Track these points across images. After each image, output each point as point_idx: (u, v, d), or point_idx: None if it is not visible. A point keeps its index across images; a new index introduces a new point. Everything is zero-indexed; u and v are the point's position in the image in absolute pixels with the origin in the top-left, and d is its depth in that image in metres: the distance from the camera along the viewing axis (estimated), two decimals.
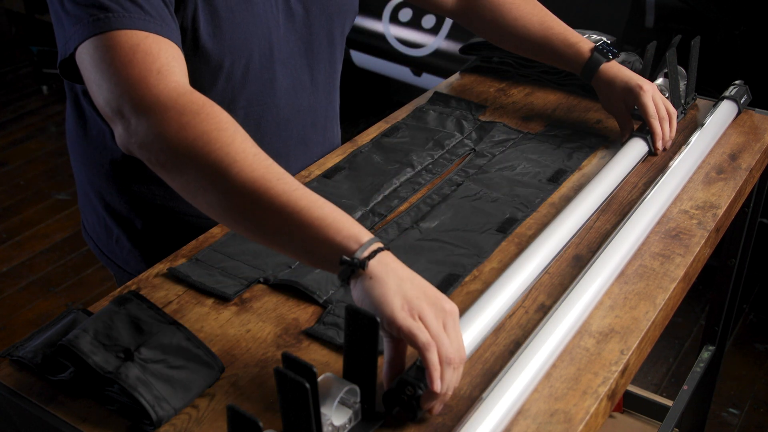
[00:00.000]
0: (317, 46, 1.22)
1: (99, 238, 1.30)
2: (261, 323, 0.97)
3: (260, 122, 1.18)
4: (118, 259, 1.28)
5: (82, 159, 1.25)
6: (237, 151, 0.86)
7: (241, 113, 1.15)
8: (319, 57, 1.23)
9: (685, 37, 1.43)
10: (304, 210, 0.82)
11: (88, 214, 1.30)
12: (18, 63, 4.34)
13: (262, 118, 1.18)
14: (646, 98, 1.27)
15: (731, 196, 1.21)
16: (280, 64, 1.16)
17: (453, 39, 2.86)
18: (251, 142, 0.88)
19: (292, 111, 1.22)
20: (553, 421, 0.83)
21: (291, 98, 1.21)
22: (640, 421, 1.88)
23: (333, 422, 0.78)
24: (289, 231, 0.82)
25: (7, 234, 3.02)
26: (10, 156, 3.51)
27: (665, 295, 1.01)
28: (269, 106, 1.18)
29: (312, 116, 1.26)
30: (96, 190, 1.25)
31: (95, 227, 1.30)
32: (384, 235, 1.11)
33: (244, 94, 1.14)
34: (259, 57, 1.13)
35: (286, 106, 1.20)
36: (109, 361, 0.83)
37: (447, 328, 0.81)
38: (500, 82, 1.57)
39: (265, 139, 1.19)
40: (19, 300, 2.69)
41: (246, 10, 1.09)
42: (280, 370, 0.68)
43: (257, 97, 1.16)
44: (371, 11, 3.04)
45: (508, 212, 1.16)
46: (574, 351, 0.92)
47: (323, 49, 1.23)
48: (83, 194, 1.29)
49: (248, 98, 1.15)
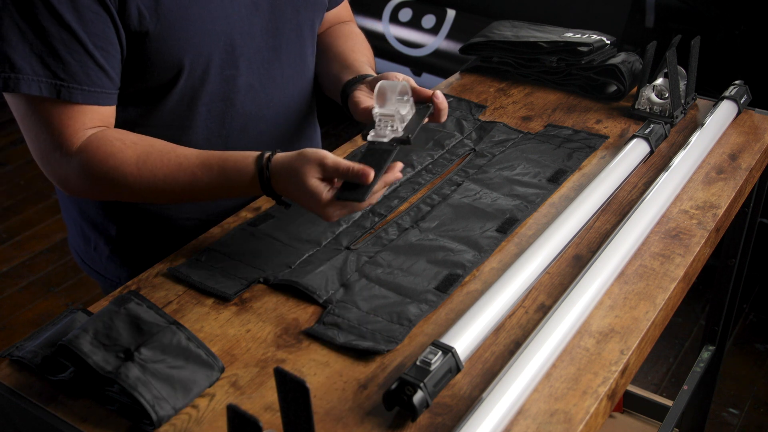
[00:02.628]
0: (285, 40, 1.20)
1: (79, 247, 1.31)
2: (261, 323, 0.97)
3: (224, 118, 1.18)
4: (98, 267, 1.29)
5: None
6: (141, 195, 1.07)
7: (203, 110, 1.15)
8: (288, 51, 1.21)
9: (685, 37, 1.43)
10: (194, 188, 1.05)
11: (69, 225, 1.31)
12: None
13: (225, 115, 1.17)
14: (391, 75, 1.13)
15: (731, 196, 1.21)
16: (244, 60, 1.15)
17: (453, 39, 2.86)
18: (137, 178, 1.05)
19: (259, 107, 1.20)
20: (553, 421, 0.83)
21: (257, 94, 1.19)
22: (640, 421, 1.88)
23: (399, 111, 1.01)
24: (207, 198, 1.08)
25: (7, 234, 3.02)
26: (10, 156, 3.51)
27: (665, 295, 1.01)
28: (232, 102, 1.17)
29: (284, 111, 1.25)
30: (72, 199, 1.26)
31: (75, 237, 1.31)
32: (384, 234, 1.11)
33: (205, 91, 1.14)
34: (220, 54, 1.12)
35: (250, 102, 1.19)
36: (109, 361, 0.83)
37: None
38: (500, 82, 1.57)
39: (231, 136, 1.19)
40: (19, 300, 2.69)
41: (201, 6, 1.07)
42: (280, 370, 0.68)
43: (219, 94, 1.15)
44: (371, 11, 3.04)
45: (508, 212, 1.16)
46: (574, 351, 0.92)
47: (292, 44, 1.22)
48: (63, 205, 1.31)
49: (210, 95, 1.15)
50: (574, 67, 1.49)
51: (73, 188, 1.08)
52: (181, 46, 1.07)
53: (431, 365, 0.83)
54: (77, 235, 1.29)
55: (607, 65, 1.47)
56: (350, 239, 1.11)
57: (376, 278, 1.03)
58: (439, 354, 0.85)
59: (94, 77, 1.03)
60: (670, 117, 1.38)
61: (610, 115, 1.44)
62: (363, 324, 0.95)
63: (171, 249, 1.11)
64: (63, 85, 1.01)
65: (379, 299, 0.99)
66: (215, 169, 1.04)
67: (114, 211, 1.23)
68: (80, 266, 1.33)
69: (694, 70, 1.42)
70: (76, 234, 1.29)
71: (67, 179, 1.07)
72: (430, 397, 0.82)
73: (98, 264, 1.28)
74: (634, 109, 1.43)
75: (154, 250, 1.16)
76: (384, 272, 1.04)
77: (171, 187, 1.05)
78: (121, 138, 1.06)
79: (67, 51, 1.00)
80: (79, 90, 1.02)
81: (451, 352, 0.86)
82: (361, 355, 0.92)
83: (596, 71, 1.48)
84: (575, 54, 1.48)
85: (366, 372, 0.90)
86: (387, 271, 1.04)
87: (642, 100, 1.42)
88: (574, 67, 1.49)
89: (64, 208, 1.31)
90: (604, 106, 1.48)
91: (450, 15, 2.91)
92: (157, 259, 1.09)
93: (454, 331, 0.90)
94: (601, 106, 1.48)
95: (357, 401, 0.86)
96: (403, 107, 1.03)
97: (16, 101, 1.04)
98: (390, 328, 0.95)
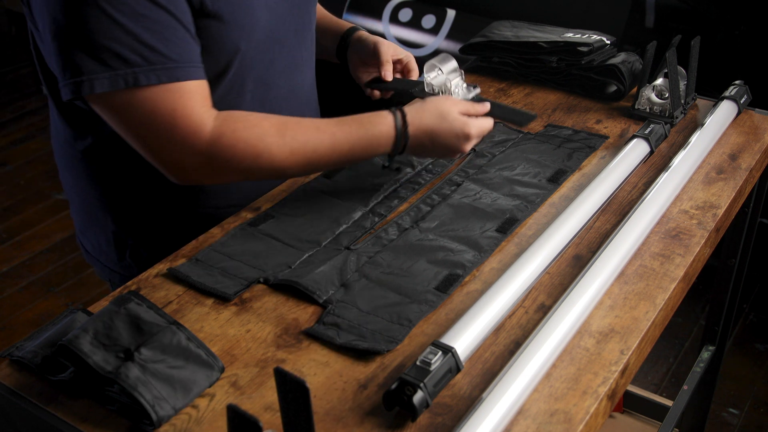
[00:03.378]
0: (304, 24, 1.24)
1: (88, 241, 1.30)
2: (261, 323, 0.97)
3: (264, 102, 1.20)
4: (96, 253, 1.29)
5: (63, 158, 1.25)
6: (279, 164, 1.07)
7: (248, 96, 1.17)
8: (306, 36, 1.25)
9: (685, 37, 1.43)
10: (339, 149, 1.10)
11: (79, 219, 1.30)
12: (18, 63, 4.34)
13: (265, 99, 1.20)
14: (384, 48, 1.30)
15: (731, 196, 1.21)
16: (278, 44, 1.18)
17: (453, 39, 2.86)
18: (279, 144, 1.06)
19: (289, 90, 1.24)
20: (553, 421, 0.83)
21: (287, 77, 1.23)
22: (640, 421, 1.88)
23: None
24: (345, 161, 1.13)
25: (7, 234, 3.02)
26: (10, 156, 3.51)
27: (665, 295, 1.01)
28: (271, 86, 1.20)
29: (305, 94, 1.29)
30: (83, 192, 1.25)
31: (86, 231, 1.30)
32: (384, 234, 1.11)
33: (252, 75, 1.16)
34: (264, 38, 1.14)
35: (284, 86, 1.22)
36: (109, 361, 0.83)
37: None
38: (500, 82, 1.57)
39: None
40: (19, 300, 2.69)
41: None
42: (280, 370, 0.68)
43: (262, 78, 1.18)
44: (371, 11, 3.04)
45: (508, 212, 1.16)
46: (574, 351, 0.92)
47: (308, 28, 1.26)
48: (72, 199, 1.29)
49: (255, 79, 1.17)
50: (574, 67, 1.49)
51: (200, 172, 1.05)
52: (239, 31, 1.09)
53: (431, 365, 0.83)
54: (87, 229, 1.28)
55: (607, 65, 1.47)
56: (350, 239, 1.11)
57: (376, 278, 1.03)
58: (439, 354, 0.85)
59: (196, 54, 1.04)
60: (670, 117, 1.38)
61: (610, 115, 1.45)
62: (363, 324, 0.95)
63: (173, 242, 1.11)
64: (178, 66, 1.00)
65: (379, 299, 0.99)
66: (353, 125, 1.10)
67: (113, 195, 1.22)
68: (89, 262, 1.33)
69: (694, 70, 1.42)
70: (87, 227, 1.28)
71: (193, 164, 1.04)
72: (430, 397, 0.82)
73: (96, 250, 1.28)
74: (634, 109, 1.43)
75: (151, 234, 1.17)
76: (384, 272, 1.04)
77: (314, 149, 1.08)
78: (249, 114, 1.07)
79: (171, 32, 1.00)
80: (191, 67, 1.02)
81: (451, 352, 0.86)
82: (361, 355, 0.92)
83: (596, 71, 1.48)
84: (575, 54, 1.48)
85: (366, 372, 0.90)
86: (387, 271, 1.04)
87: (642, 100, 1.42)
88: (574, 67, 1.49)
89: (73, 202, 1.29)
90: (604, 106, 1.48)
91: (450, 15, 2.91)
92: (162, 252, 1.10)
93: (454, 331, 0.90)
94: (601, 106, 1.48)
95: (357, 401, 0.86)
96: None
97: (117, 99, 1.00)
98: (390, 328, 0.95)
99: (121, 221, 1.23)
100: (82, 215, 1.28)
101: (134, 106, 1.00)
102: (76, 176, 1.23)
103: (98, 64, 0.97)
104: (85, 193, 1.24)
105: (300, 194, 1.21)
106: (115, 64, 0.97)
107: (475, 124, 1.15)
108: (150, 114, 1.00)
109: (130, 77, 0.98)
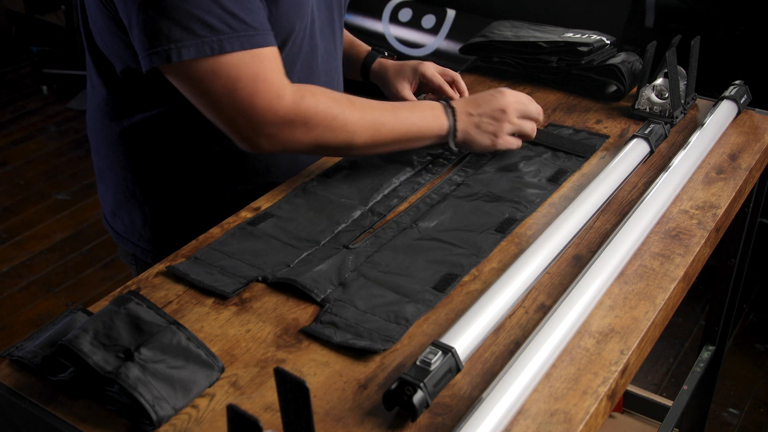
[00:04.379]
0: (336, 12, 1.28)
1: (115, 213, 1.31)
2: (261, 323, 0.97)
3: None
4: (129, 233, 1.30)
5: (101, 137, 1.27)
6: (352, 131, 1.12)
7: (295, 78, 1.19)
8: (338, 24, 1.29)
9: (685, 37, 1.43)
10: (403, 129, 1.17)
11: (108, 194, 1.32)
12: (18, 63, 4.34)
13: (308, 83, 1.21)
14: (431, 69, 1.39)
15: (731, 196, 1.21)
16: (319, 31, 1.22)
17: (453, 39, 2.86)
18: (351, 111, 1.12)
19: (327, 76, 1.28)
20: (553, 421, 0.83)
21: (326, 64, 1.27)
22: (640, 421, 1.88)
23: None
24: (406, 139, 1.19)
25: (7, 234, 3.02)
26: (10, 156, 3.51)
27: (665, 295, 1.01)
28: (314, 71, 1.23)
29: (337, 80, 1.34)
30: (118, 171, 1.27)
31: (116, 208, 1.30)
32: (383, 234, 1.11)
33: (299, 59, 1.19)
34: (309, 23, 1.18)
35: (324, 72, 1.26)
36: (109, 361, 0.83)
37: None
38: (500, 82, 1.57)
39: None
40: (19, 300, 2.69)
41: None
42: (280, 370, 0.68)
43: (307, 62, 1.21)
44: (371, 11, 3.04)
45: (507, 212, 1.16)
46: (574, 351, 0.92)
47: (339, 17, 1.30)
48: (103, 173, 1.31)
49: (301, 64, 1.20)
50: (574, 67, 1.49)
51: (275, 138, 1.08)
52: (294, 11, 1.12)
53: (431, 365, 0.83)
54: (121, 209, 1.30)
55: (607, 65, 1.47)
56: (349, 238, 1.11)
57: (374, 277, 1.03)
58: (439, 354, 0.85)
59: (267, 21, 1.07)
60: (670, 117, 1.38)
61: (610, 115, 1.45)
62: (360, 323, 0.95)
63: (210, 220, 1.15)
64: (258, 33, 1.04)
65: (376, 298, 0.99)
66: (408, 106, 1.20)
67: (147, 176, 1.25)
68: (118, 242, 1.34)
69: (694, 70, 1.42)
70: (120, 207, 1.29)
71: (271, 129, 1.07)
72: (430, 397, 0.82)
73: (138, 236, 1.30)
74: (634, 109, 1.43)
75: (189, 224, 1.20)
76: (382, 271, 1.04)
77: (381, 120, 1.14)
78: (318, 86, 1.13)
79: (250, 1, 1.03)
80: (269, 35, 1.06)
81: (451, 352, 0.86)
82: (361, 355, 0.92)
83: (596, 71, 1.48)
84: (575, 54, 1.48)
85: (366, 372, 0.90)
86: (385, 270, 1.04)
87: (642, 100, 1.42)
88: (574, 67, 1.49)
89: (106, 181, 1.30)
90: (604, 106, 1.48)
91: (450, 15, 2.91)
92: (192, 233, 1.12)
93: (454, 331, 0.90)
94: (601, 106, 1.48)
95: (357, 401, 0.86)
96: None
97: (202, 66, 1.02)
98: (387, 327, 0.95)
99: (160, 200, 1.25)
100: (117, 194, 1.29)
101: (218, 73, 1.03)
102: (115, 154, 1.25)
103: (185, 32, 1.00)
104: (124, 171, 1.26)
105: (299, 193, 1.21)
106: (202, 32, 1.00)
107: (510, 96, 1.23)
108: (234, 80, 1.03)
109: (216, 44, 1.01)
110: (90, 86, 1.25)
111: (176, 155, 1.22)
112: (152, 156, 1.23)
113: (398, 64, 1.42)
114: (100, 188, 1.33)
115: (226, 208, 1.19)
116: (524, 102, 1.25)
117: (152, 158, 1.24)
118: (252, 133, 1.08)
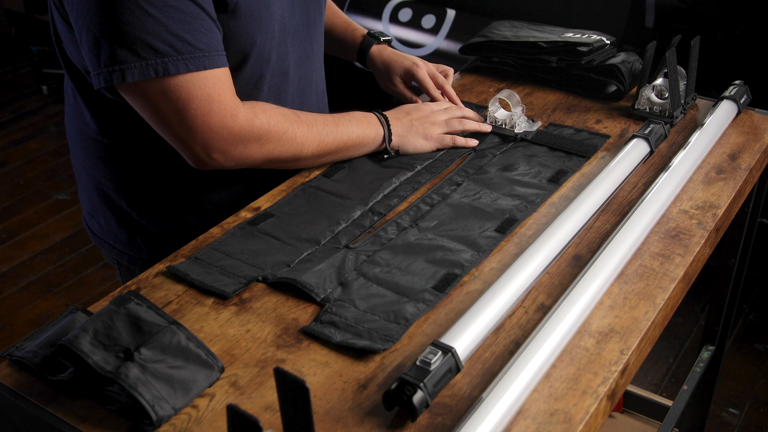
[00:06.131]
0: (313, 18, 1.27)
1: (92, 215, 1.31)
2: (261, 323, 0.97)
3: (280, 94, 1.24)
4: (105, 234, 1.30)
5: (78, 139, 1.27)
6: (300, 144, 1.17)
7: (266, 87, 1.20)
8: (315, 28, 1.29)
9: (685, 37, 1.43)
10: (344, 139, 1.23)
11: (85, 195, 1.32)
12: (18, 63, 4.34)
13: (281, 90, 1.24)
14: (422, 73, 1.42)
15: (731, 196, 1.21)
16: (290, 37, 1.22)
17: (453, 39, 2.86)
18: (299, 125, 1.16)
19: (303, 81, 1.28)
20: (553, 421, 0.83)
21: (300, 69, 1.27)
22: (640, 421, 1.88)
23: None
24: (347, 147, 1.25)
25: (7, 234, 3.02)
26: (10, 156, 3.51)
27: (665, 295, 1.01)
28: (286, 77, 1.23)
29: (316, 85, 1.34)
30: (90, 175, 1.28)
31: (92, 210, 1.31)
32: (383, 233, 1.11)
33: (269, 67, 1.19)
34: (278, 31, 1.17)
35: (297, 78, 1.27)
36: (109, 361, 0.83)
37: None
38: (500, 82, 1.57)
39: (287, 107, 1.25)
40: (19, 300, 2.69)
41: None
42: (280, 370, 0.68)
43: (278, 70, 1.21)
44: (371, 11, 3.04)
45: (507, 212, 1.16)
46: (573, 351, 0.92)
47: (317, 21, 1.29)
48: (80, 175, 1.31)
49: (272, 72, 1.20)
50: (574, 67, 1.49)
51: (228, 155, 1.11)
52: (255, 24, 1.12)
53: (431, 365, 0.83)
54: (97, 210, 1.30)
55: (607, 65, 1.47)
56: (349, 238, 1.11)
57: (374, 277, 1.03)
58: (438, 354, 0.85)
59: (221, 42, 1.07)
60: (670, 117, 1.38)
61: (610, 115, 1.45)
62: (360, 323, 0.95)
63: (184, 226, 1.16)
64: (205, 55, 1.04)
65: (376, 298, 0.99)
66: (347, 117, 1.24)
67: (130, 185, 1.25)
68: (96, 243, 1.34)
69: (694, 70, 1.42)
70: (96, 209, 1.30)
71: (224, 147, 1.09)
72: (430, 397, 0.82)
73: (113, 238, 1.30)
74: (634, 109, 1.43)
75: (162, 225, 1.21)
76: (382, 271, 1.04)
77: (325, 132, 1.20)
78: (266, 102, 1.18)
79: (199, 23, 1.03)
80: (218, 56, 1.06)
81: (451, 352, 0.86)
82: (361, 354, 0.92)
83: (596, 71, 1.48)
84: (575, 54, 1.48)
85: (366, 372, 0.90)
86: (385, 270, 1.04)
87: (642, 100, 1.42)
88: (574, 67, 1.49)
89: (83, 183, 1.31)
90: (604, 106, 1.48)
91: (450, 15, 2.91)
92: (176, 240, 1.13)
93: (454, 331, 0.90)
94: (601, 106, 1.48)
95: (357, 401, 0.86)
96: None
97: (150, 87, 1.03)
98: (386, 327, 0.95)
99: (134, 202, 1.25)
100: (92, 196, 1.29)
101: (168, 94, 1.04)
102: (90, 157, 1.25)
103: (130, 54, 1.00)
104: (99, 174, 1.26)
105: (299, 193, 1.21)
106: (147, 54, 1.01)
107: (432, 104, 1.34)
108: (185, 101, 1.05)
109: (160, 66, 1.01)
110: (65, 90, 1.26)
111: (148, 160, 1.22)
112: (124, 160, 1.23)
113: (393, 58, 1.44)
114: (79, 189, 1.34)
115: (200, 212, 1.21)
116: (444, 105, 1.36)
117: (124, 162, 1.23)
118: (203, 151, 1.09)
